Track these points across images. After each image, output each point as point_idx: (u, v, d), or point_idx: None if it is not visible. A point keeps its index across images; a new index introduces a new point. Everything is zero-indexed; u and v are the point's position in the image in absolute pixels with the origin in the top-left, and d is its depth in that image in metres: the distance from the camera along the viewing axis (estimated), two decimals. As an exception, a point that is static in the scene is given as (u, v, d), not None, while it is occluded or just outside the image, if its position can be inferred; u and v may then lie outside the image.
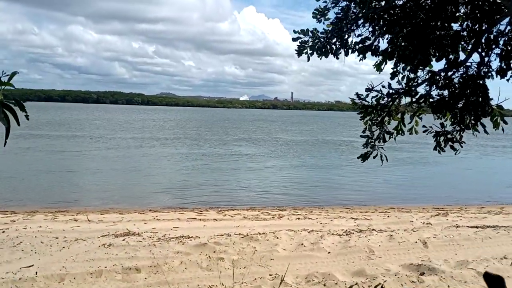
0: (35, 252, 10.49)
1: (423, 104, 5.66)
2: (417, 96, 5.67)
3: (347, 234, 12.53)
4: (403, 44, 5.34)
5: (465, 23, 5.24)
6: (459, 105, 5.37)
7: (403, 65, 5.61)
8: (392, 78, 5.78)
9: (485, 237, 12.48)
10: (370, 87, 5.76)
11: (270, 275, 9.05)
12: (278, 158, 40.37)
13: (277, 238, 11.77)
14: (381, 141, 6.02)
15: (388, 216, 16.35)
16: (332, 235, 12.35)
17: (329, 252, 10.77)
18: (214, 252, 10.56)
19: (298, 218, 15.60)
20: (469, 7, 5.21)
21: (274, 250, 10.73)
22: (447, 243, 11.81)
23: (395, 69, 5.73)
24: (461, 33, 5.20)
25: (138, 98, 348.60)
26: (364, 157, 6.13)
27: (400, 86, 5.79)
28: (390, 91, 5.71)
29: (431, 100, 5.55)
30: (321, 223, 14.42)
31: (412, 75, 5.72)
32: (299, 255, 10.55)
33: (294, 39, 5.89)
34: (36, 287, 8.33)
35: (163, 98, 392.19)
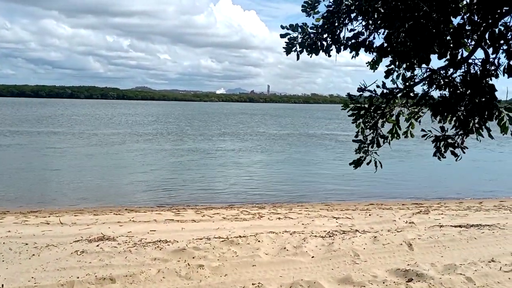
0: (3, 261, 9.87)
1: (421, 106, 5.22)
2: (416, 98, 5.22)
3: (330, 236, 12.16)
4: (401, 40, 4.87)
5: (467, 15, 4.76)
6: (461, 107, 4.96)
7: (399, 62, 5.16)
8: (386, 77, 5.32)
9: (469, 238, 12.23)
10: (363, 87, 5.31)
11: (252, 284, 8.61)
12: (262, 152, 40.47)
13: (259, 241, 11.33)
14: (375, 145, 5.58)
15: (369, 215, 16.07)
16: (315, 237, 11.97)
17: (312, 257, 10.38)
18: (193, 258, 10.08)
19: (279, 218, 15.22)
20: None
21: (256, 255, 10.29)
22: (432, 245, 11.52)
23: (390, 67, 5.28)
24: (465, 27, 4.72)
25: (113, 92, 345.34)
26: (356, 163, 5.69)
27: (395, 86, 5.36)
28: (385, 91, 5.27)
29: (431, 101, 5.11)
30: (302, 224, 14.05)
31: (408, 74, 5.29)
32: (282, 260, 10.12)
33: (282, 35, 5.43)
34: (2, 301, 7.77)
35: (139, 92, 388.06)
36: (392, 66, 5.31)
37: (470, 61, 4.96)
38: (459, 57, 4.91)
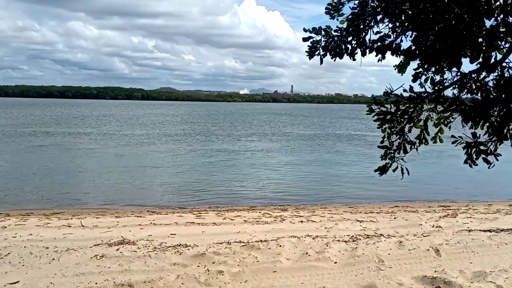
0: (23, 265, 9.80)
1: (452, 111, 4.92)
2: (446, 102, 4.92)
3: (353, 241, 11.85)
4: (430, 43, 4.58)
5: (501, 17, 4.44)
6: (495, 112, 4.66)
7: (428, 66, 4.87)
8: (414, 81, 5.04)
9: (500, 243, 11.81)
10: (389, 91, 5.04)
11: (273, 291, 8.37)
12: (289, 153, 40.46)
13: (280, 246, 11.08)
14: (402, 152, 5.29)
15: (394, 218, 15.68)
16: (338, 242, 11.67)
17: (335, 262, 10.09)
18: (213, 263, 9.88)
19: (301, 221, 14.94)
20: None
21: (277, 261, 10.03)
22: (460, 251, 11.13)
23: (418, 70, 4.99)
24: (498, 29, 4.40)
25: (138, 93, 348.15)
26: (382, 170, 5.40)
27: (423, 90, 5.07)
28: (412, 95, 4.98)
29: (462, 106, 4.80)
30: (325, 228, 13.74)
31: (437, 77, 4.99)
32: (304, 266, 9.85)
33: (304, 39, 5.19)
34: (19, 308, 7.68)
35: (163, 93, 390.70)
36: (420, 69, 5.04)
37: (504, 64, 4.67)
38: (492, 60, 4.61)
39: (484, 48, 4.46)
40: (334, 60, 5.26)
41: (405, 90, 4.96)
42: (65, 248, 11.07)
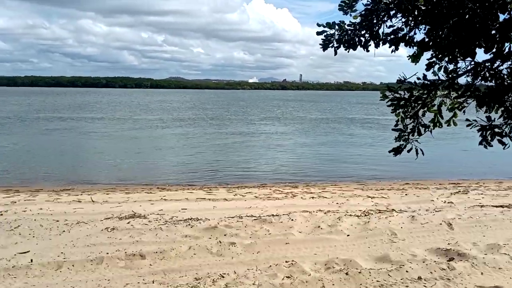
0: (33, 236, 9.81)
1: (466, 97, 4.95)
2: (460, 90, 4.96)
3: (365, 215, 11.76)
4: (444, 35, 4.62)
5: None
6: (509, 97, 4.73)
7: (441, 56, 4.89)
8: (427, 70, 5.08)
9: (513, 218, 11.69)
10: (403, 79, 5.05)
11: (286, 261, 8.28)
12: (304, 135, 40.55)
13: (292, 220, 11.01)
14: (416, 134, 5.30)
15: (406, 194, 15.56)
16: (350, 216, 11.58)
17: (348, 235, 10.01)
18: (225, 235, 9.83)
19: (312, 197, 14.85)
20: None
21: (289, 233, 9.98)
22: (473, 224, 11.02)
23: (431, 60, 5.01)
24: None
25: (147, 82, 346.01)
26: (396, 151, 5.41)
27: (436, 77, 5.07)
28: (426, 82, 4.99)
29: (476, 92, 4.83)
30: (337, 203, 13.64)
31: (451, 66, 4.99)
32: (316, 238, 9.79)
33: (318, 33, 5.19)
34: (30, 275, 7.67)
35: (172, 82, 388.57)
36: (434, 59, 5.06)
37: None
38: (506, 50, 4.63)
39: (498, 39, 4.50)
40: (348, 52, 5.30)
41: (418, 78, 5.01)
42: (76, 221, 11.05)
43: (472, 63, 4.84)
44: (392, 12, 4.97)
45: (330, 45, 5.23)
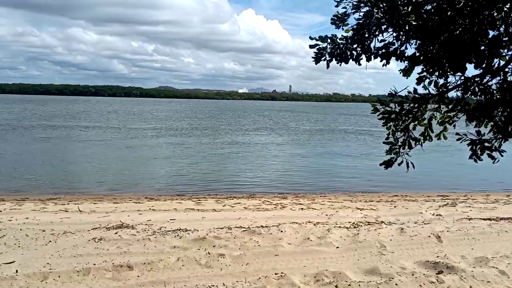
0: (19, 246, 9.66)
1: (456, 111, 5.06)
2: (450, 104, 5.13)
3: (355, 227, 11.76)
4: (435, 50, 4.76)
5: (503, 27, 4.65)
6: (498, 113, 4.90)
7: (432, 70, 4.99)
8: (418, 84, 5.21)
9: (500, 230, 11.77)
10: (394, 92, 5.13)
11: (275, 273, 8.23)
12: (299, 146, 40.58)
13: (281, 231, 10.98)
14: (407, 147, 5.37)
15: (395, 207, 15.60)
16: (340, 228, 11.57)
17: (337, 247, 9.98)
18: (213, 247, 9.77)
19: (302, 209, 14.84)
20: (507, 6, 4.54)
21: (279, 245, 9.93)
22: (461, 237, 11.06)
23: (422, 74, 5.13)
24: (501, 38, 4.65)
25: (137, 91, 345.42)
26: (387, 164, 5.49)
27: (427, 92, 5.16)
28: (416, 96, 5.08)
29: (466, 107, 5.00)
30: (326, 215, 13.64)
31: (441, 81, 5.13)
32: (306, 250, 9.75)
33: (311, 46, 5.27)
34: (15, 286, 7.53)
35: (162, 91, 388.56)
36: (425, 73, 5.20)
37: (506, 69, 4.88)
38: (495, 66, 4.83)
39: (487, 55, 4.66)
40: (340, 65, 5.41)
41: (409, 92, 5.15)
42: (62, 231, 10.92)
43: (462, 78, 5.00)
44: (383, 27, 5.09)
45: (323, 58, 5.34)
